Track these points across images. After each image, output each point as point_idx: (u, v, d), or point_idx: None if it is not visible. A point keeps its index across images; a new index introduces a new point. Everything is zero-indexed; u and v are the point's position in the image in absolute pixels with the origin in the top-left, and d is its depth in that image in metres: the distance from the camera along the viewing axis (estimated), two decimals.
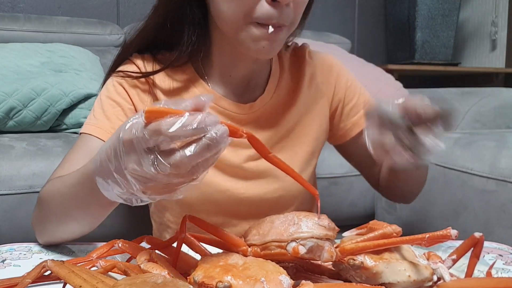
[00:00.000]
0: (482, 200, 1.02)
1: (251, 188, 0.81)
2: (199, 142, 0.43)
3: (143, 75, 0.78)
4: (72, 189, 0.62)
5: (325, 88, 0.89)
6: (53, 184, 0.69)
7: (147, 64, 0.79)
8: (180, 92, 0.80)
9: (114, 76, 0.79)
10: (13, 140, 1.23)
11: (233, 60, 0.79)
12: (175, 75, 0.80)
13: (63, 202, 0.65)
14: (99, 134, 0.75)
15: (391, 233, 0.52)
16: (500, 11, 2.94)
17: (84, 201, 0.61)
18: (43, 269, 0.50)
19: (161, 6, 0.76)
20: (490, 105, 1.76)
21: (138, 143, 0.44)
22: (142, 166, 0.44)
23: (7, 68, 1.41)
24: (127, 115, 0.77)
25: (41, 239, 0.72)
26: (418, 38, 2.71)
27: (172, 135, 0.42)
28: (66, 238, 0.70)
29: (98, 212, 0.63)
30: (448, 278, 0.50)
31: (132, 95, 0.78)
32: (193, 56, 0.79)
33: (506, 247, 0.73)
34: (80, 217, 0.64)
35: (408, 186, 0.88)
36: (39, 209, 0.70)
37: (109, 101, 0.78)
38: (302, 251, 0.50)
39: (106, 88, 0.79)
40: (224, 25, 0.73)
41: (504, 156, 1.00)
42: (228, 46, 0.78)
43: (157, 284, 0.42)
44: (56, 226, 0.68)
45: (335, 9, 2.74)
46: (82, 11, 2.12)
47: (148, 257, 0.51)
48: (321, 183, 1.39)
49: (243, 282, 0.44)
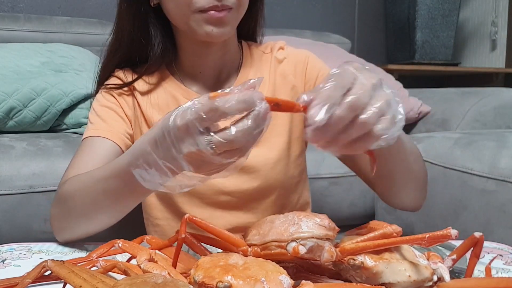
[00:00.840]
0: (482, 200, 1.02)
1: (229, 178, 0.82)
2: (249, 116, 0.47)
3: (126, 84, 0.88)
4: (102, 183, 0.66)
5: (295, 79, 0.90)
6: (77, 179, 0.73)
7: (127, 76, 0.89)
8: (155, 90, 0.88)
9: (102, 90, 0.89)
10: (13, 140, 1.23)
11: (197, 58, 0.86)
12: (151, 79, 0.89)
13: (91, 196, 0.68)
14: (100, 134, 0.83)
15: (391, 233, 0.52)
16: (500, 11, 2.94)
17: (116, 193, 0.65)
18: (43, 269, 0.50)
19: (120, 24, 0.86)
20: (490, 105, 1.76)
21: (193, 126, 0.47)
22: (198, 146, 0.48)
23: (7, 68, 1.41)
24: (120, 116, 0.87)
25: (61, 236, 0.74)
26: (418, 38, 2.71)
27: (227, 110, 0.46)
28: (91, 231, 0.72)
29: (130, 203, 0.67)
30: (448, 278, 0.50)
31: (120, 101, 0.88)
32: (165, 60, 0.88)
33: (506, 247, 0.73)
34: (110, 209, 0.68)
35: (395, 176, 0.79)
36: (61, 206, 0.74)
37: (103, 108, 0.87)
38: (302, 251, 0.50)
39: (97, 100, 0.89)
40: (175, 20, 0.81)
41: (504, 156, 1.00)
42: (191, 45, 0.85)
43: (157, 284, 0.42)
44: (81, 220, 0.71)
45: (335, 9, 2.74)
46: (82, 11, 2.12)
47: (148, 257, 0.51)
48: (321, 183, 1.39)
49: (243, 282, 0.44)
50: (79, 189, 0.71)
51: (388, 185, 0.80)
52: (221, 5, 0.74)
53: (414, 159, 0.77)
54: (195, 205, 0.86)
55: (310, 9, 2.66)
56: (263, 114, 0.47)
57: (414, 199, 0.81)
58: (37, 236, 1.11)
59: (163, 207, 0.88)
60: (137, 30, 0.84)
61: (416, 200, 0.82)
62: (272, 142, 0.87)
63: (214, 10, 0.75)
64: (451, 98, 1.90)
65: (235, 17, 0.79)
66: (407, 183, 0.79)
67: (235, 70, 0.90)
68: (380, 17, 2.91)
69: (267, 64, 0.91)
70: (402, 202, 0.82)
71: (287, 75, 0.90)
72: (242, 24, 0.85)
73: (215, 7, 0.74)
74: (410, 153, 0.76)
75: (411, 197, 0.81)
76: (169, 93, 0.88)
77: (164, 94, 0.88)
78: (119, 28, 0.87)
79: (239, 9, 0.79)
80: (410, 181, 0.79)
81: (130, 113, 0.88)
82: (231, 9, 0.76)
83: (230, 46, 0.88)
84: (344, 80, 0.48)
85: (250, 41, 0.95)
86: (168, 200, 0.87)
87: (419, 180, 0.80)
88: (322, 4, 2.69)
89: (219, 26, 0.76)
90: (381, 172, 0.76)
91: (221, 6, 0.75)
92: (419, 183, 0.80)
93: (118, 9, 0.86)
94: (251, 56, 0.92)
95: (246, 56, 0.91)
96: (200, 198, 0.85)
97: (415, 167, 0.78)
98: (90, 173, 0.71)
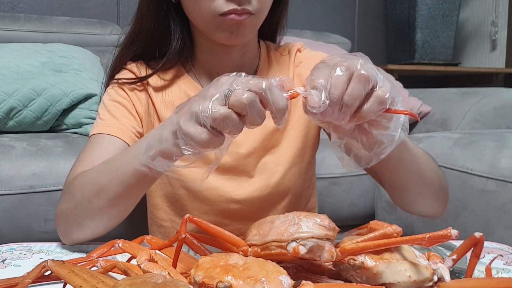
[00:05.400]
0: (482, 200, 1.02)
1: (240, 187, 0.83)
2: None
3: (139, 80, 0.85)
4: (114, 172, 0.68)
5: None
6: (85, 175, 0.72)
7: (141, 69, 0.87)
8: (169, 87, 0.86)
9: (113, 84, 0.86)
10: (13, 140, 1.23)
11: (215, 58, 0.85)
12: (165, 75, 0.87)
13: (101, 188, 0.68)
14: (110, 132, 0.80)
15: (391, 233, 0.52)
16: (500, 11, 2.94)
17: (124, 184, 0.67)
18: (43, 269, 0.50)
19: (140, 17, 0.84)
20: (490, 105, 1.76)
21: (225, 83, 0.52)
22: (217, 101, 0.51)
23: (7, 68, 1.41)
24: (131, 113, 0.84)
25: (68, 236, 0.72)
26: (418, 38, 2.71)
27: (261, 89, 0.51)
28: (100, 229, 0.71)
29: (139, 191, 0.70)
30: (448, 278, 0.50)
31: (132, 97, 0.85)
32: (182, 57, 0.86)
33: (506, 247, 0.73)
34: (118, 202, 0.69)
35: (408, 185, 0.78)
36: (69, 203, 0.72)
37: (113, 103, 0.84)
38: (302, 251, 0.50)
39: (108, 94, 0.86)
40: (195, 20, 0.79)
41: (504, 156, 1.00)
42: (208, 44, 0.83)
43: (157, 284, 0.42)
44: (90, 216, 0.70)
45: (335, 9, 2.74)
46: (82, 11, 2.12)
47: (148, 257, 0.51)
48: (321, 183, 1.39)
49: (243, 282, 0.44)
50: (88, 183, 0.70)
51: (403, 195, 0.78)
52: (241, 9, 0.73)
53: (426, 166, 0.75)
54: (205, 212, 0.84)
55: (310, 9, 2.66)
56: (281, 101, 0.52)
57: (432, 207, 0.79)
58: (37, 236, 1.11)
59: (169, 209, 0.87)
60: (158, 25, 0.82)
61: (435, 207, 0.79)
62: (284, 147, 0.85)
63: (234, 13, 0.73)
64: (451, 98, 1.90)
65: (255, 22, 0.78)
66: (422, 190, 0.76)
67: (253, 72, 0.88)
68: (380, 17, 2.91)
69: (284, 67, 0.89)
70: (420, 210, 0.79)
71: (304, 79, 0.88)
72: (264, 24, 0.83)
73: (235, 10, 0.73)
74: (421, 160, 0.74)
75: (429, 205, 0.79)
76: (184, 92, 0.86)
77: (179, 93, 0.86)
78: (139, 20, 0.84)
79: (260, 15, 0.77)
80: (424, 188, 0.76)
81: (141, 110, 0.85)
82: (251, 14, 0.75)
83: (250, 47, 0.86)
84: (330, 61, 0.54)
85: (268, 41, 0.93)
86: (176, 204, 0.86)
87: (434, 187, 0.78)
88: (322, 4, 2.69)
89: (238, 30, 0.75)
90: (394, 182, 0.77)
91: (241, 10, 0.73)
92: (434, 190, 0.78)
93: (139, 2, 0.84)
94: (268, 58, 0.90)
95: (264, 57, 0.89)
96: (210, 205, 0.84)
97: (428, 174, 0.76)
98: (98, 167, 0.71)
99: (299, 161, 0.87)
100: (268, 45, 0.92)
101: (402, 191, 0.77)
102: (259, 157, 0.84)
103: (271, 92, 0.51)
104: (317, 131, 0.90)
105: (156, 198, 0.88)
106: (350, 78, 0.51)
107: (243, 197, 0.83)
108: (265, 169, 0.84)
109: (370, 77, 0.51)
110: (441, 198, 0.80)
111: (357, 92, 0.51)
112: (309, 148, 0.88)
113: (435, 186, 0.77)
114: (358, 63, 0.52)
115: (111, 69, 0.89)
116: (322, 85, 0.51)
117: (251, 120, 0.52)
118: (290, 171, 0.85)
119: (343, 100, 0.51)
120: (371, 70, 0.52)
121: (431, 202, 0.78)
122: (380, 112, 0.53)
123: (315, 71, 0.53)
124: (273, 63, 0.89)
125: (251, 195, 0.83)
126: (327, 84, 0.51)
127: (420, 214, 0.81)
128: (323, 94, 0.51)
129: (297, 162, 0.86)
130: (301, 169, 0.87)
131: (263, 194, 0.84)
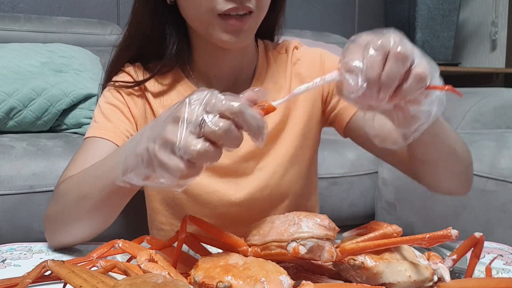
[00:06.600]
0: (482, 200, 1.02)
1: (240, 189, 0.82)
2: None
3: (136, 84, 0.84)
4: (95, 180, 0.67)
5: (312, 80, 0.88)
6: (73, 178, 0.72)
7: (138, 73, 0.86)
8: (168, 92, 0.85)
9: (110, 86, 0.85)
10: (13, 140, 1.23)
11: (213, 60, 0.83)
12: (163, 80, 0.85)
13: (85, 193, 0.68)
14: (103, 135, 0.79)
15: (391, 233, 0.52)
16: (500, 11, 2.94)
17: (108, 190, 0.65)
18: (44, 269, 0.50)
19: (134, 20, 0.83)
20: (490, 105, 1.76)
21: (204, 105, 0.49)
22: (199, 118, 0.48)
23: (7, 68, 1.41)
24: (126, 116, 0.83)
25: (53, 239, 0.73)
26: (418, 38, 2.71)
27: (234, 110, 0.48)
28: (83, 235, 0.71)
29: (123, 198, 0.68)
30: (448, 278, 0.51)
31: (128, 100, 0.84)
32: (179, 61, 0.84)
33: (506, 247, 0.73)
34: (102, 208, 0.68)
35: (440, 160, 0.76)
36: (56, 206, 0.72)
37: (109, 106, 0.83)
38: (302, 251, 0.50)
39: (104, 96, 0.85)
40: (193, 22, 0.78)
41: (504, 156, 1.00)
42: (206, 47, 0.82)
43: (157, 284, 0.42)
44: (74, 220, 0.69)
45: (335, 9, 2.74)
46: (82, 11, 2.11)
47: (148, 257, 0.51)
48: (321, 183, 1.39)
49: (244, 282, 0.44)
50: (73, 189, 0.70)
51: (434, 170, 0.77)
52: (242, 7, 0.72)
53: (458, 142, 0.75)
54: (204, 215, 0.82)
55: (310, 9, 2.66)
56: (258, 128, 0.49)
57: (460, 184, 0.79)
58: (38, 236, 1.11)
59: (168, 212, 0.86)
60: (152, 28, 0.81)
61: (463, 184, 0.79)
62: (281, 146, 0.85)
63: (235, 12, 0.72)
64: (451, 98, 1.89)
65: (254, 23, 0.77)
66: (453, 166, 0.76)
67: (251, 73, 0.87)
68: (380, 17, 2.91)
69: (282, 66, 0.88)
70: (448, 186, 0.79)
71: (304, 77, 0.87)
72: (262, 23, 0.81)
73: (235, 9, 0.71)
74: (453, 136, 0.74)
75: (458, 182, 0.79)
76: (183, 96, 0.82)
77: (177, 97, 0.84)
78: (134, 24, 0.83)
79: (259, 13, 0.76)
80: (455, 164, 0.76)
81: (137, 114, 0.84)
82: (251, 13, 0.73)
83: (248, 49, 0.85)
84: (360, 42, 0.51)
85: (266, 40, 0.92)
86: (175, 207, 0.85)
87: (464, 163, 0.77)
88: (322, 4, 2.69)
89: (238, 34, 0.74)
90: (427, 157, 0.74)
91: (242, 8, 0.72)
92: (464, 166, 0.78)
93: (133, 5, 0.83)
94: (266, 58, 0.89)
95: (262, 57, 0.88)
96: (210, 208, 0.83)
97: (460, 150, 0.75)
98: (85, 172, 0.70)
99: (299, 161, 0.86)
100: (266, 44, 0.91)
101: (434, 166, 0.75)
102: (258, 158, 0.84)
103: (244, 115, 0.48)
104: (317, 130, 0.89)
105: (155, 202, 0.87)
106: (386, 57, 0.49)
107: (243, 199, 0.82)
108: (264, 171, 0.84)
109: (408, 55, 0.49)
110: (469, 175, 0.79)
111: (395, 72, 0.49)
112: (309, 147, 0.88)
113: (465, 163, 0.77)
114: (392, 39, 0.49)
115: (108, 71, 0.88)
116: (358, 68, 0.48)
117: (228, 146, 0.49)
118: (290, 171, 0.85)
119: (381, 81, 0.49)
120: (408, 46, 0.49)
121: (460, 179, 0.78)
122: (421, 90, 0.51)
123: (347, 52, 0.50)
124: (271, 63, 0.89)
125: (251, 197, 0.83)
126: (363, 66, 0.48)
127: (448, 192, 0.81)
128: (359, 77, 0.48)
129: (297, 162, 0.86)
130: (301, 169, 0.87)
131: (263, 195, 0.83)
